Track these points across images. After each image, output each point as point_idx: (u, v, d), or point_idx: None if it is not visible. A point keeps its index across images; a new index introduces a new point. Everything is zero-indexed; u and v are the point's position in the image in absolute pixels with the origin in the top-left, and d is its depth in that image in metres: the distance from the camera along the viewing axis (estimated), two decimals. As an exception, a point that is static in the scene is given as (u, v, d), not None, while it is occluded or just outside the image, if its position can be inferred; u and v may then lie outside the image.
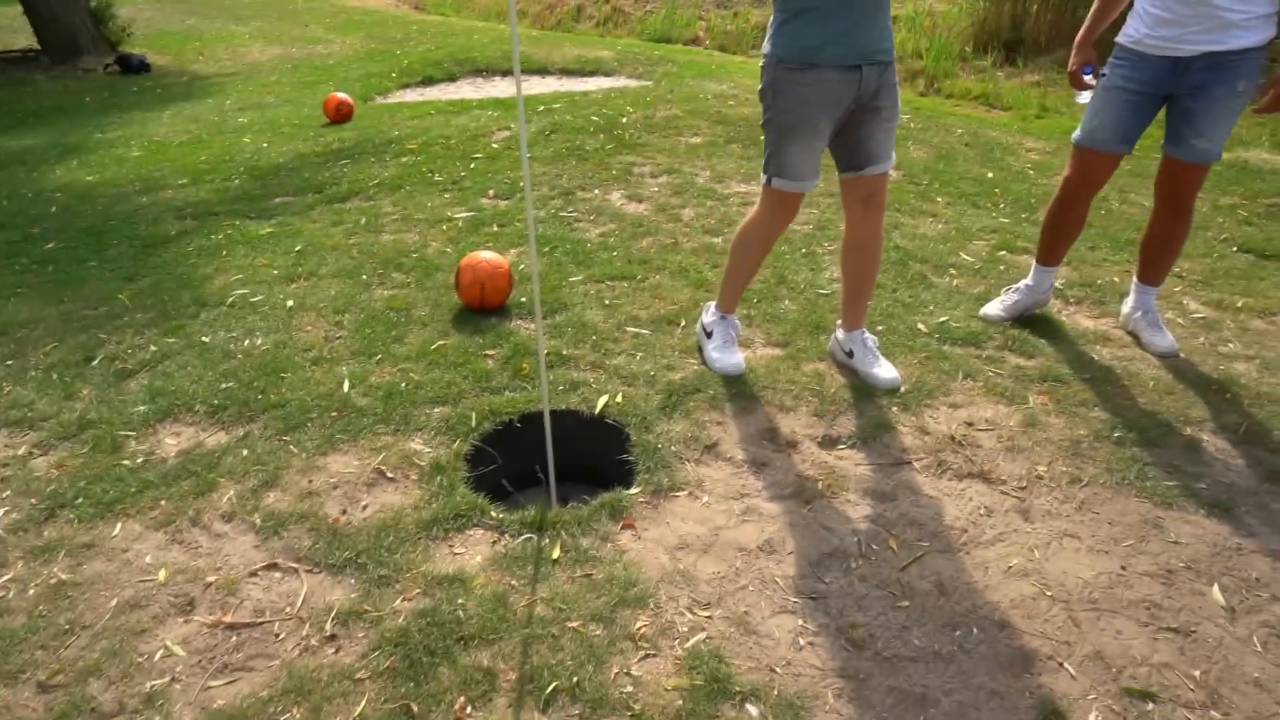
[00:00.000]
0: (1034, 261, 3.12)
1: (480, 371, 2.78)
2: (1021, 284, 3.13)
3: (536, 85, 7.64)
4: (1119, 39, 2.71)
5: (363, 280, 3.48)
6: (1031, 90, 8.44)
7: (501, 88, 7.66)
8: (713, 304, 2.90)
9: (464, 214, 4.19)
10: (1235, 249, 3.80)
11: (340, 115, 6.22)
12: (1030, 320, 3.12)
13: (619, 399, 2.62)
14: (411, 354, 2.90)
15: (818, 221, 4.02)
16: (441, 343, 2.96)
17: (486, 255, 3.22)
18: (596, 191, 4.47)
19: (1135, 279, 3.04)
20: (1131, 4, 2.72)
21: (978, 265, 3.60)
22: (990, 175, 4.83)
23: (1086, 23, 2.81)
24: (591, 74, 8.16)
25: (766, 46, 2.45)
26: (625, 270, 3.52)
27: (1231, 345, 2.98)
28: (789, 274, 3.44)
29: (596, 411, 2.58)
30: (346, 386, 2.71)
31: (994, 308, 3.10)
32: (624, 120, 5.76)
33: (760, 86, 2.47)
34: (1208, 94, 2.58)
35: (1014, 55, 9.56)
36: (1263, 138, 5.46)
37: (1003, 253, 3.75)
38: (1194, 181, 2.79)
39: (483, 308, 3.18)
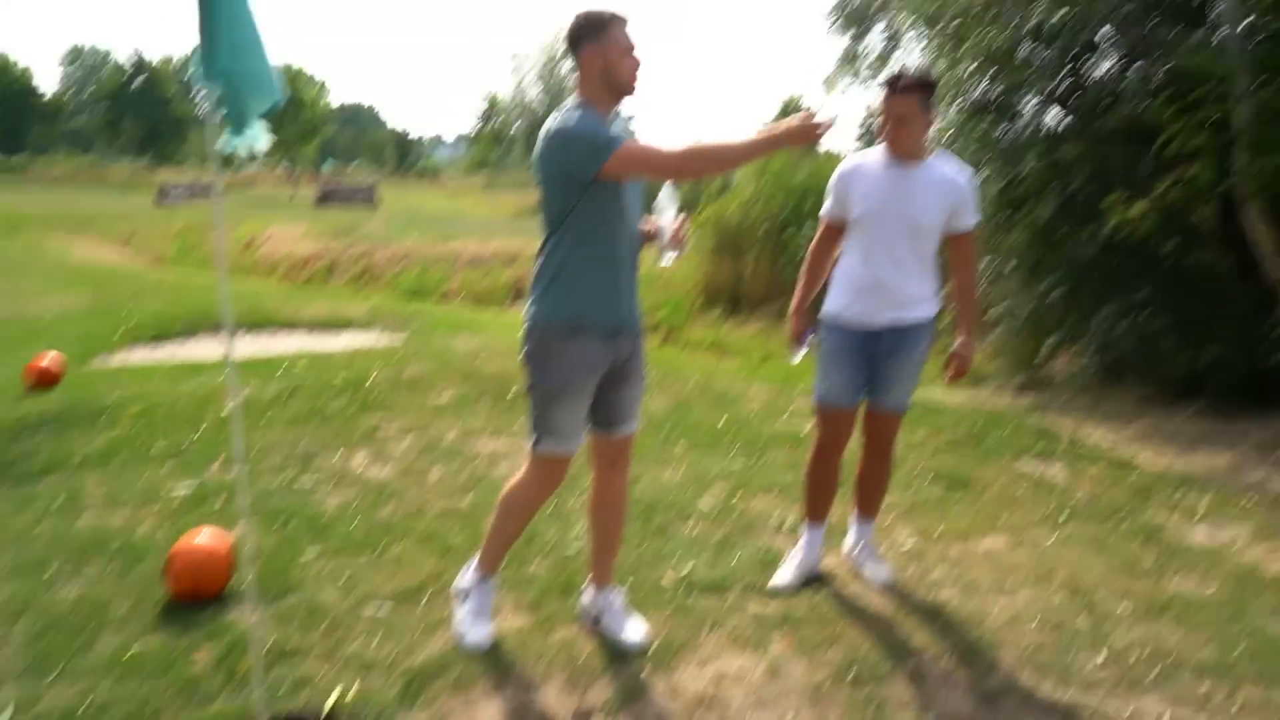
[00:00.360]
0: (803, 524, 3.29)
1: (186, 679, 2.43)
2: (796, 547, 3.29)
3: (282, 343, 7.48)
4: (823, 314, 3.16)
5: (46, 577, 3.01)
6: (755, 339, 9.52)
7: (244, 345, 7.41)
8: (474, 561, 2.79)
9: (185, 488, 3.84)
10: (930, 480, 4.32)
11: (44, 381, 5.65)
12: (768, 561, 3.29)
13: (350, 696, 2.38)
14: (100, 664, 2.49)
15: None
16: (139, 648, 2.57)
17: (204, 537, 2.93)
18: (338, 456, 4.31)
19: (854, 514, 3.35)
20: (829, 280, 3.21)
21: (716, 511, 3.80)
22: (722, 421, 5.25)
23: (796, 296, 3.22)
24: (342, 330, 8.15)
25: (531, 309, 2.52)
26: (366, 541, 3.34)
27: (937, 572, 3.31)
28: (538, 533, 3.43)
29: (323, 716, 2.31)
30: (6, 718, 2.24)
31: (782, 577, 3.19)
32: (371, 379, 5.73)
33: (525, 350, 2.52)
34: (897, 357, 3.04)
35: (737, 308, 10.85)
36: (936, 380, 6.47)
37: (738, 497, 4.00)
38: (892, 427, 3.21)
39: (197, 598, 2.84)
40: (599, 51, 2.43)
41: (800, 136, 2.30)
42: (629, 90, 2.45)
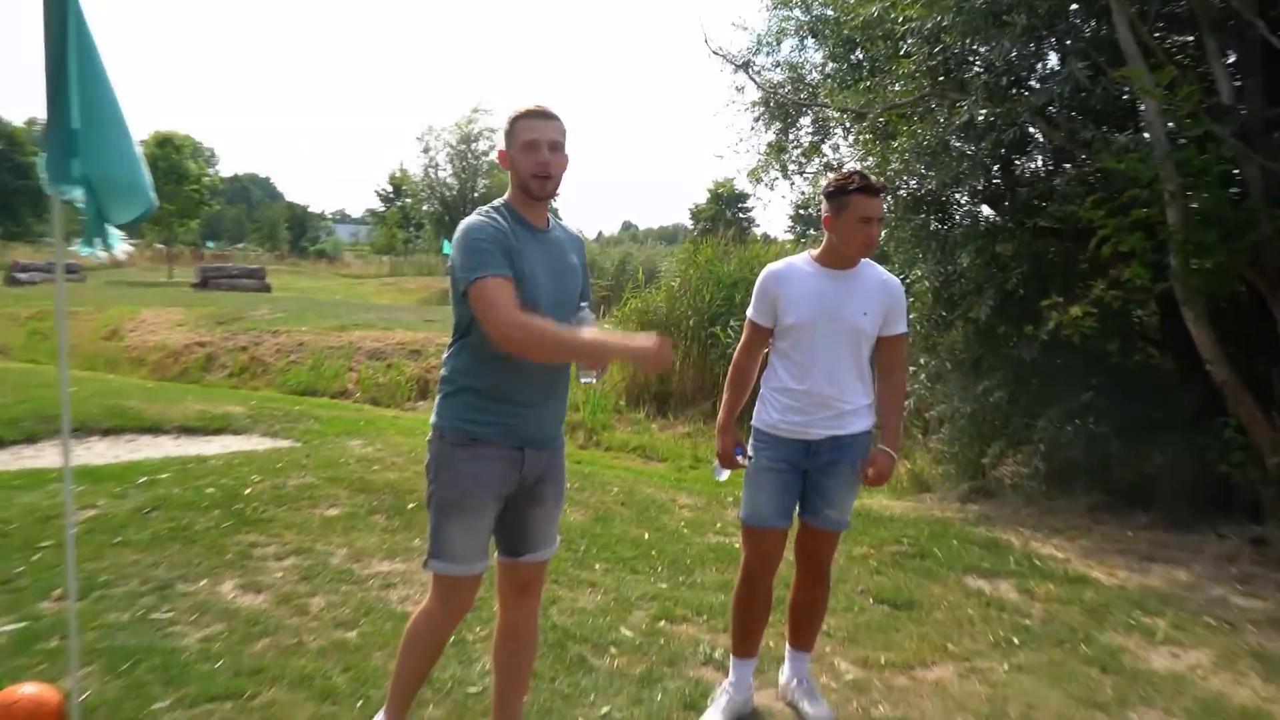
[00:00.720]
0: (731, 656, 3.24)
1: None
2: (725, 684, 3.22)
3: (145, 448, 7.15)
4: (756, 424, 3.17)
5: None
6: (683, 441, 9.56)
7: (99, 451, 7.05)
8: (381, 713, 2.69)
9: (11, 626, 3.55)
10: (872, 600, 4.32)
11: None
12: (696, 700, 3.20)
13: None
14: None
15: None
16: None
17: (28, 689, 2.70)
18: (204, 582, 4.08)
19: (788, 645, 3.31)
20: (757, 391, 3.24)
21: (638, 640, 3.71)
22: (647, 536, 5.19)
23: (724, 408, 3.24)
24: (217, 433, 7.85)
25: (433, 418, 2.53)
26: (231, 687, 3.13)
27: (882, 707, 3.27)
28: (435, 670, 3.27)
29: None
30: None
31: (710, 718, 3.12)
32: (248, 491, 5.50)
33: (427, 458, 2.52)
34: (836, 471, 3.07)
35: (665, 408, 10.91)
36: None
37: (663, 623, 3.92)
38: (830, 547, 3.21)
39: (16, 765, 2.59)
40: (507, 150, 2.51)
41: (649, 361, 2.34)
42: (532, 189, 2.47)
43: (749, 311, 3.21)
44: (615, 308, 12.26)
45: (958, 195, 7.20)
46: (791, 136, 12.11)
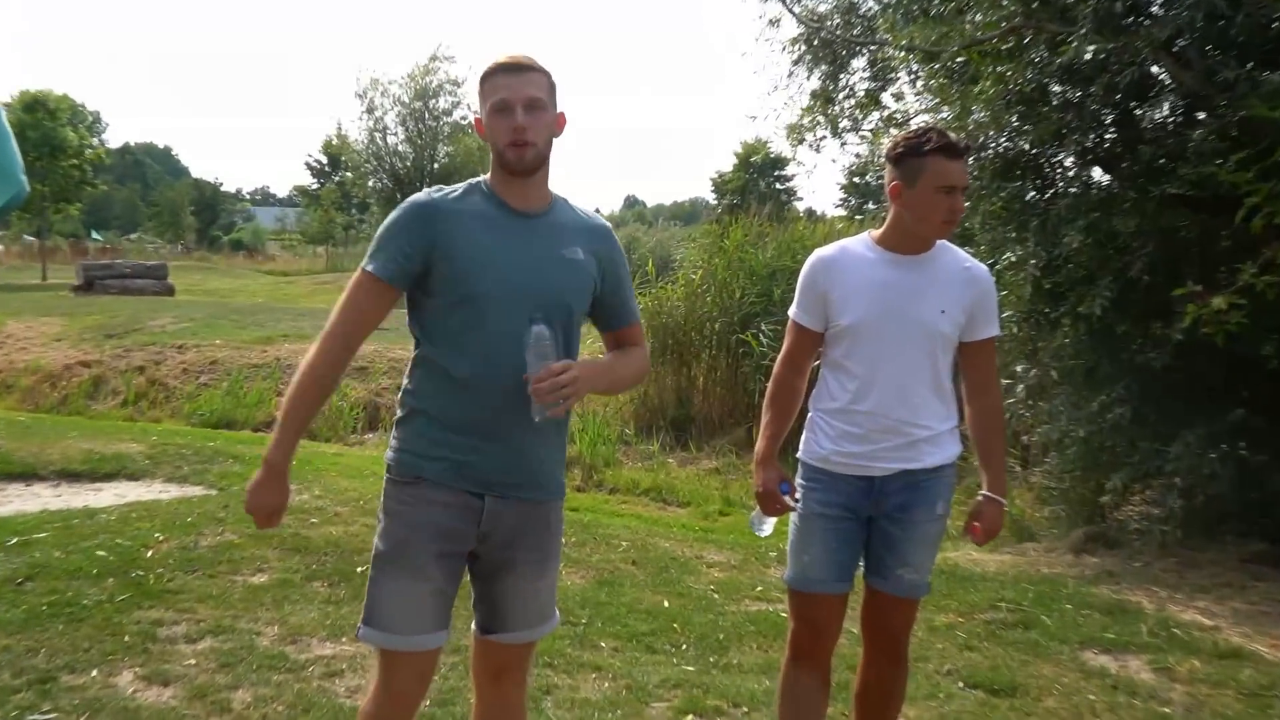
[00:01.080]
0: None
1: None
2: None
3: (16, 500, 7.17)
4: (803, 457, 3.16)
5: None
6: (709, 479, 9.55)
7: (-45, 504, 7.08)
8: None
9: None
10: (962, 684, 4.31)
11: None
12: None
13: None
14: None
15: (437, 692, 3.96)
16: None
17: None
18: (95, 673, 4.08)
19: (857, 744, 3.29)
20: (803, 415, 3.23)
21: (660, 742, 3.70)
22: (666, 604, 5.19)
23: (763, 437, 3.20)
24: (108, 479, 7.88)
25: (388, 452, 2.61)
26: (132, 809, 3.12)
27: (980, 825, 3.25)
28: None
29: None
30: None
31: None
32: (149, 553, 5.52)
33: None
34: (910, 519, 3.05)
35: (684, 436, 10.91)
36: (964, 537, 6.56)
37: (690, 717, 3.91)
38: (907, 619, 3.20)
39: None
40: (481, 116, 2.54)
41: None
42: (508, 161, 2.49)
43: (792, 311, 3.20)
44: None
45: (1061, 155, 7.20)
46: (842, 83, 12.18)
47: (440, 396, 2.50)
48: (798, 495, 3.14)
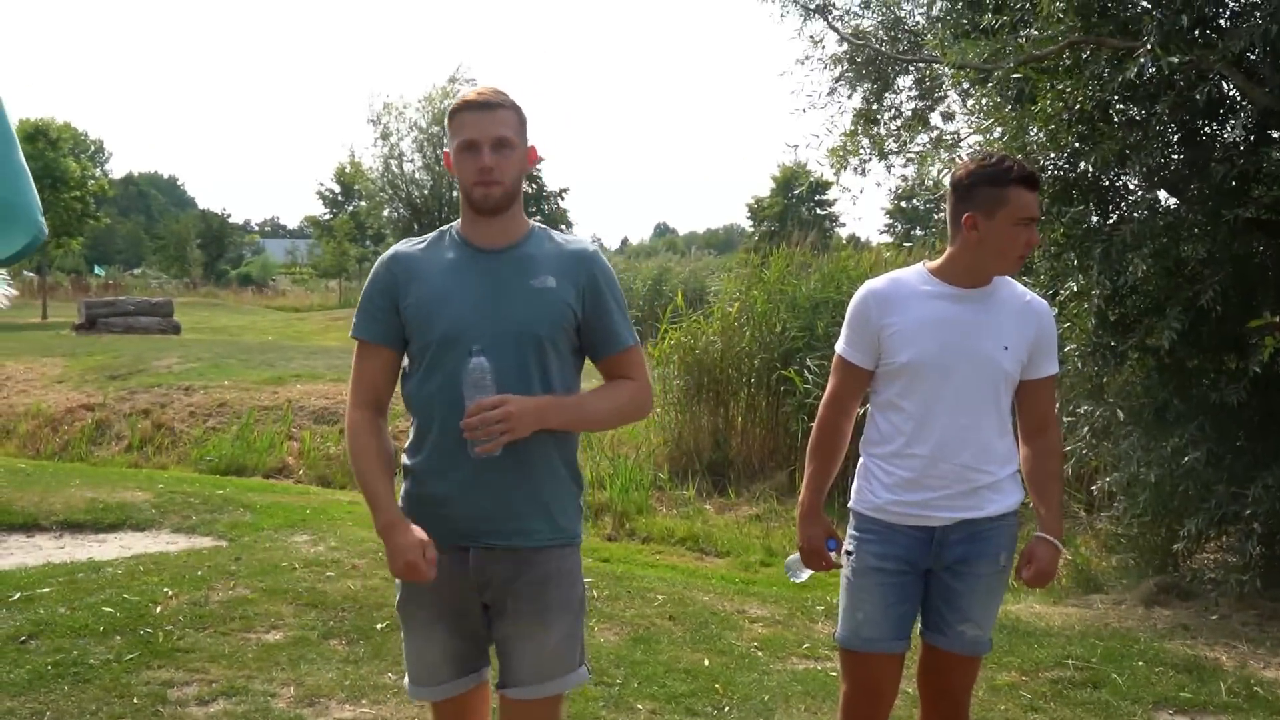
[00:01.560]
0: None
1: None
2: None
3: (18, 553, 7.27)
4: (856, 507, 3.16)
5: None
6: (750, 527, 9.52)
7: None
8: None
9: None
10: (1027, 749, 4.27)
11: None
12: None
13: None
14: None
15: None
16: None
17: None
18: (102, 738, 4.13)
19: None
20: (850, 460, 3.23)
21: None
22: (707, 663, 5.17)
23: (807, 486, 3.20)
24: (113, 529, 7.97)
25: None
26: None
27: None
28: None
29: None
30: None
31: None
32: (159, 609, 5.57)
33: None
34: (971, 571, 3.05)
35: (723, 481, 10.89)
36: (1026, 588, 6.52)
37: (735, 786, 3.89)
38: (968, 678, 3.20)
39: None
40: (450, 153, 2.66)
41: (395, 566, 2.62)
42: (474, 200, 2.59)
43: (840, 347, 3.20)
44: (649, 343, 12.28)
45: (1125, 178, 7.20)
46: (887, 102, 12.25)
47: (418, 450, 2.64)
48: (847, 550, 3.14)
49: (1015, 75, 6.94)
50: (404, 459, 2.70)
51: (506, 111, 2.59)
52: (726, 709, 4.65)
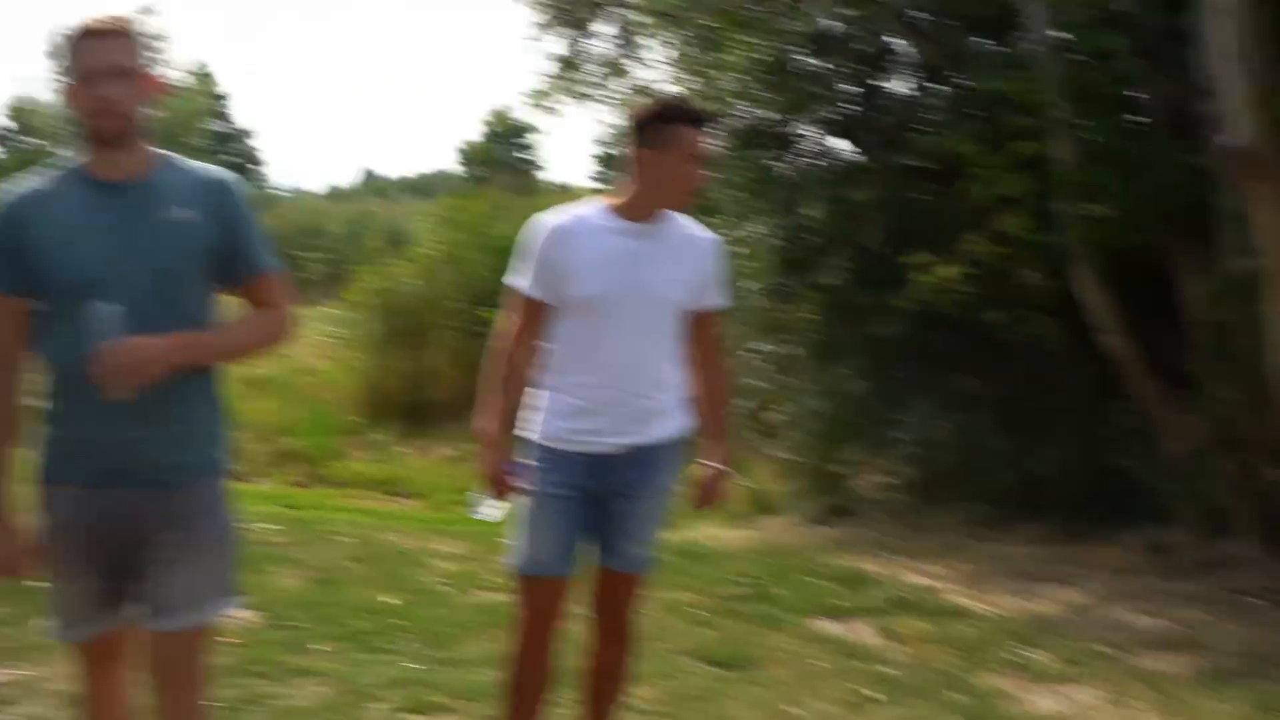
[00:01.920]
0: None
1: None
2: None
3: None
4: (528, 434, 3.21)
5: None
6: (446, 469, 9.57)
7: None
8: None
9: None
10: (695, 661, 4.52)
11: None
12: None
13: None
14: None
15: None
16: None
17: None
18: None
19: (584, 724, 3.41)
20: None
21: (377, 745, 3.73)
22: (392, 600, 5.19)
23: (488, 414, 3.19)
24: None
25: None
26: None
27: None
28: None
29: None
30: None
31: None
32: None
33: None
34: (637, 494, 3.18)
35: (419, 424, 10.86)
36: (705, 514, 6.85)
37: (414, 717, 3.94)
38: (633, 594, 3.32)
39: None
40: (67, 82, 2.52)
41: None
42: (94, 132, 2.48)
43: (517, 282, 3.18)
44: (343, 288, 12.05)
45: (804, 126, 7.55)
46: (588, 48, 12.34)
47: (54, 396, 2.53)
48: (531, 477, 3.17)
49: (707, 25, 7.15)
50: (44, 405, 2.55)
51: (127, 39, 2.46)
52: (409, 643, 4.64)
